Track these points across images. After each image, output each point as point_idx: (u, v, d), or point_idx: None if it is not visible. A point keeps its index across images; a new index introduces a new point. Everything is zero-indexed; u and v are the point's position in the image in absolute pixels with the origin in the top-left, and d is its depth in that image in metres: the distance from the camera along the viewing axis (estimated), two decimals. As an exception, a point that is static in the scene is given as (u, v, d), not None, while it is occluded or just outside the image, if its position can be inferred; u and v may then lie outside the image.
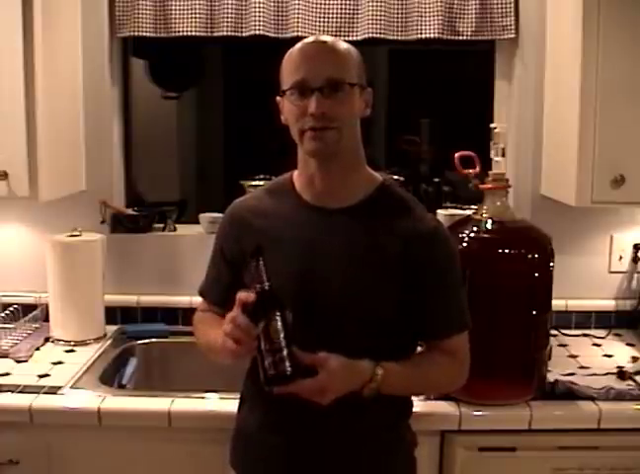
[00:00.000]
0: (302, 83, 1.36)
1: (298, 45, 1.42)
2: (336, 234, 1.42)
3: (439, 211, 2.29)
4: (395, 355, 1.42)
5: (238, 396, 1.58)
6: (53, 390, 1.83)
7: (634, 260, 2.35)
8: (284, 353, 1.27)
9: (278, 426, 1.45)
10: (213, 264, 1.60)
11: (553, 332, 2.15)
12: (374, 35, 2.23)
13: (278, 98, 1.43)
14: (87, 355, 2.09)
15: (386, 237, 1.41)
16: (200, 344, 1.55)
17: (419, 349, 1.55)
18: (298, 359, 1.28)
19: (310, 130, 1.37)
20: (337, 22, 2.25)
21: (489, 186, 1.79)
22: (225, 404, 1.73)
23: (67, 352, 2.13)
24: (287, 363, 1.27)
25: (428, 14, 2.23)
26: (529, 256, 1.75)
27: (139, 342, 2.26)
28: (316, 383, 1.29)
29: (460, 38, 2.26)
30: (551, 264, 1.77)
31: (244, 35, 2.26)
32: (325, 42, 1.41)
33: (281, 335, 1.27)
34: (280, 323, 1.28)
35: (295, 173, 1.51)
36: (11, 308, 2.23)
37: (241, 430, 1.56)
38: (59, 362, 2.04)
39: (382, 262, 1.40)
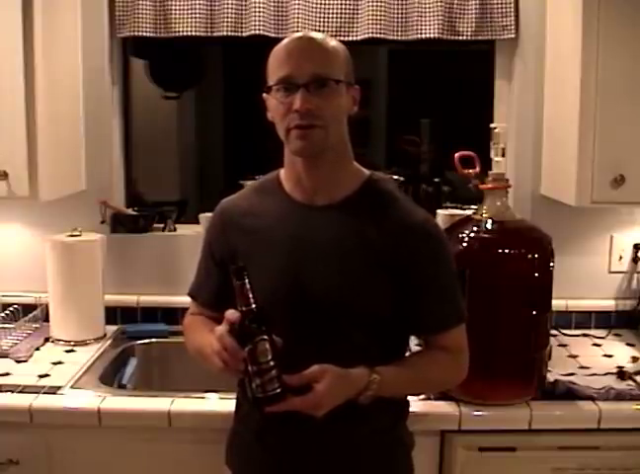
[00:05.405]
0: (288, 79, 1.34)
1: (284, 42, 1.39)
2: (324, 231, 1.41)
3: (439, 211, 2.29)
4: (389, 352, 1.41)
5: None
6: (53, 390, 1.83)
7: (634, 260, 2.35)
8: (273, 374, 1.23)
9: (274, 430, 1.44)
10: (202, 265, 1.58)
11: (553, 332, 2.15)
12: (374, 35, 2.24)
13: (264, 94, 1.41)
14: (87, 355, 2.09)
15: (375, 232, 1.39)
16: (190, 350, 1.53)
17: (417, 348, 1.55)
18: (287, 382, 1.25)
19: (296, 129, 1.35)
20: (337, 22, 2.25)
21: (489, 186, 1.79)
22: (225, 404, 1.72)
23: (67, 352, 2.13)
24: (276, 385, 1.24)
25: (428, 14, 2.23)
26: (529, 256, 1.75)
27: (139, 342, 2.26)
28: (309, 399, 1.27)
29: (460, 38, 2.26)
30: (551, 264, 1.77)
31: (244, 35, 2.26)
32: (311, 39, 1.39)
33: (269, 356, 1.23)
34: (267, 344, 1.24)
35: (282, 171, 1.49)
36: (11, 308, 2.23)
37: (237, 431, 1.55)
38: (59, 362, 2.04)
39: (371, 257, 1.38)
